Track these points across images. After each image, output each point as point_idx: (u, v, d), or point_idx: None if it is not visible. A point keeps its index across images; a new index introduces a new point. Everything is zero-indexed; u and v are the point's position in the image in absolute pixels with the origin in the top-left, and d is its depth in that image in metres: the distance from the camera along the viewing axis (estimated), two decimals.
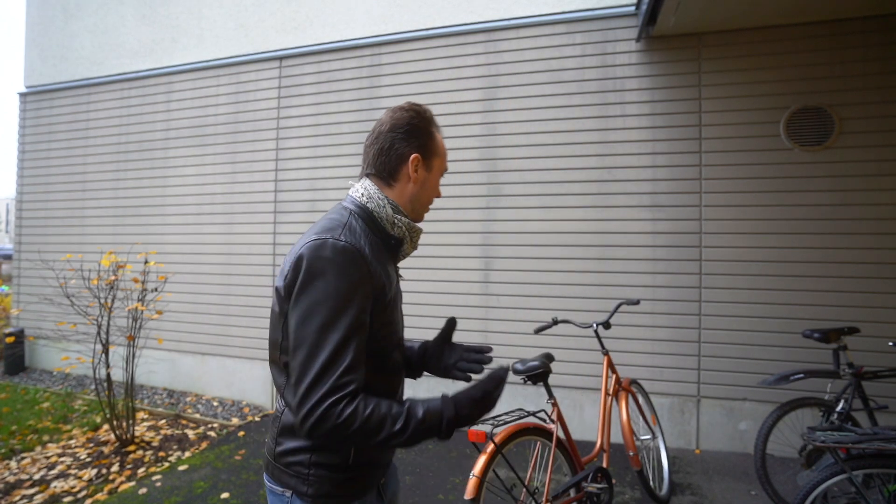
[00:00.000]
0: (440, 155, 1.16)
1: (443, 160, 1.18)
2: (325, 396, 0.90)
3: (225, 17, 4.94)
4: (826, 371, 2.78)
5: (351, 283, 0.95)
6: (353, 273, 0.96)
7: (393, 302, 1.08)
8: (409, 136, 1.10)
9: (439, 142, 1.16)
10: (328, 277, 0.94)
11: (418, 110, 1.13)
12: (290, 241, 4.60)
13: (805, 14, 3.33)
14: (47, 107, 5.82)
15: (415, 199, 1.13)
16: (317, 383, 0.91)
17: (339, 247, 0.96)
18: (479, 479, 1.90)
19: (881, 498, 2.05)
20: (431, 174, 1.15)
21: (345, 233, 1.00)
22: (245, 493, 2.99)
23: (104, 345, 3.56)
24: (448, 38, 4.19)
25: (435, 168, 1.16)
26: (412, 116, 1.11)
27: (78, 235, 5.52)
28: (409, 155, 1.10)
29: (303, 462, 1.02)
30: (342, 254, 0.96)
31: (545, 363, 2.26)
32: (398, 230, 1.10)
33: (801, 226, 3.42)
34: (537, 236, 3.89)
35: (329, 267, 0.95)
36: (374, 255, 1.02)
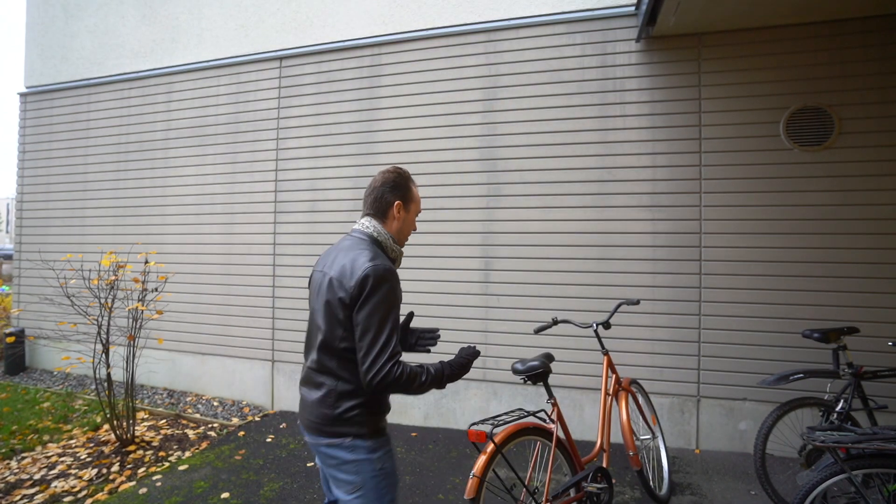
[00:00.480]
0: (415, 201, 1.70)
1: (417, 205, 1.71)
2: (388, 360, 1.44)
3: (225, 17, 4.95)
4: (826, 371, 2.78)
5: (395, 291, 1.51)
6: (396, 285, 1.52)
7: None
8: (393, 189, 1.64)
9: (414, 193, 1.70)
10: (384, 288, 1.47)
11: (400, 172, 1.68)
12: (290, 241, 4.60)
13: (805, 14, 3.33)
14: (48, 107, 5.82)
15: (399, 232, 1.67)
16: (383, 353, 1.44)
17: (388, 269, 1.50)
18: (479, 478, 1.90)
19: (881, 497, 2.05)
20: (409, 215, 1.68)
21: (383, 259, 1.53)
22: (245, 492, 2.99)
23: (104, 345, 3.56)
24: (448, 38, 4.19)
25: (411, 210, 1.69)
26: (396, 176, 1.66)
27: (78, 235, 5.53)
28: (394, 202, 1.63)
29: (359, 413, 1.51)
30: (391, 273, 1.50)
31: (545, 363, 2.26)
32: (393, 254, 1.63)
33: (801, 226, 3.42)
34: (537, 236, 3.89)
35: (384, 282, 1.47)
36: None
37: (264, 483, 3.12)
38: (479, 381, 4.01)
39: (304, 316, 4.75)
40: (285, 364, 4.58)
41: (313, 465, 3.36)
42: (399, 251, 1.65)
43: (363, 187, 4.36)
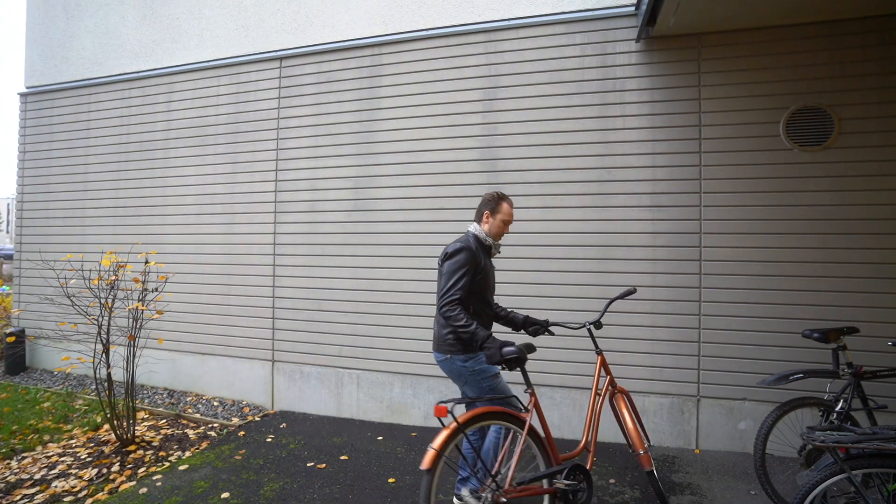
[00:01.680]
0: (501, 213, 2.60)
1: (504, 215, 2.60)
2: (449, 297, 2.36)
3: (225, 18, 4.95)
4: (825, 371, 2.78)
5: (469, 260, 2.42)
6: (470, 257, 2.43)
7: (484, 271, 2.50)
8: (486, 204, 2.62)
9: (503, 207, 2.60)
10: (458, 256, 2.42)
11: (494, 194, 2.62)
12: (290, 241, 4.61)
13: (805, 14, 3.33)
14: (48, 107, 5.83)
15: (490, 231, 2.59)
16: (448, 294, 2.37)
17: (463, 246, 2.46)
18: (436, 451, 1.92)
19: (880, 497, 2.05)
20: (495, 220, 2.59)
21: (465, 242, 2.49)
22: (245, 492, 2.99)
23: (105, 345, 3.57)
24: (448, 38, 4.20)
25: (497, 218, 2.59)
26: (491, 196, 2.61)
27: (78, 235, 5.53)
28: (485, 211, 2.61)
29: (451, 338, 2.44)
30: (465, 249, 2.45)
31: (521, 350, 2.26)
32: (486, 243, 2.58)
33: (801, 226, 3.42)
34: (537, 236, 3.89)
35: (458, 252, 2.43)
36: (479, 251, 2.49)
37: (264, 483, 3.12)
38: None
39: (304, 316, 4.77)
40: (285, 364, 4.58)
41: (313, 465, 3.36)
42: (493, 242, 2.58)
43: (363, 187, 4.42)
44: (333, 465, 3.37)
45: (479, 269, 2.45)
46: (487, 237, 2.54)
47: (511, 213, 2.62)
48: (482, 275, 2.47)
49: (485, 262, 2.50)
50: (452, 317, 2.30)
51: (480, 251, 2.49)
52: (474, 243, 2.48)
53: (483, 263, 2.48)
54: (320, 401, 4.43)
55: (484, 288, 2.51)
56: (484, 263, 2.49)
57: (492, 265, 2.61)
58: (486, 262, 2.53)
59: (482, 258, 2.49)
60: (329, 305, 4.44)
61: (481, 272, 2.46)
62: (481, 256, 2.48)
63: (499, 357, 2.23)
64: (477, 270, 2.43)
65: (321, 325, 4.46)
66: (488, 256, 2.58)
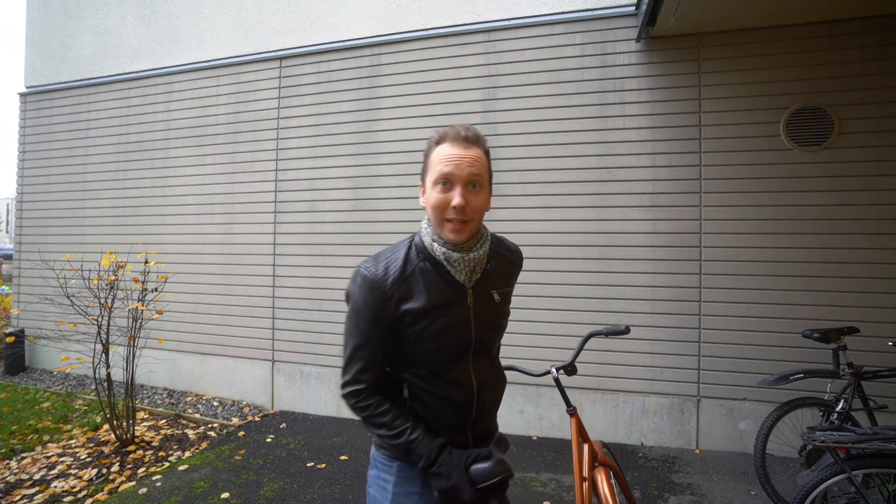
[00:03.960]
0: (432, 165, 1.16)
1: (435, 167, 1.15)
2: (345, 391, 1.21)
3: (225, 18, 4.95)
4: (826, 371, 2.78)
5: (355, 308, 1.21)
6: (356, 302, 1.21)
7: (429, 317, 1.17)
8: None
9: (432, 156, 1.18)
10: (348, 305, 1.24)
11: (429, 139, 1.21)
12: (290, 241, 4.60)
13: (805, 14, 3.33)
14: (48, 107, 5.82)
15: (434, 221, 1.18)
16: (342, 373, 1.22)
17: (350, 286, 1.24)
18: None
19: (881, 498, 2.05)
20: (431, 193, 1.16)
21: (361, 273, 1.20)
22: (245, 492, 2.99)
23: (104, 345, 3.56)
24: (448, 38, 4.19)
25: (428, 183, 1.18)
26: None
27: (78, 235, 5.53)
28: (420, 185, 1.23)
29: None
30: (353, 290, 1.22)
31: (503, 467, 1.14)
32: (436, 255, 1.20)
33: (801, 226, 3.42)
34: (537, 236, 3.89)
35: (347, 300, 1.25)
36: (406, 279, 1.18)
37: (264, 483, 3.11)
38: None
39: (304, 316, 4.77)
40: (285, 364, 4.58)
41: (313, 466, 3.36)
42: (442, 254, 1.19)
43: (363, 187, 4.41)
44: (333, 466, 3.36)
45: (413, 319, 1.15)
46: (434, 243, 1.17)
47: (452, 158, 1.13)
48: (425, 330, 1.15)
49: (443, 299, 1.17)
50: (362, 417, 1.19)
51: (433, 278, 1.17)
52: (408, 264, 1.18)
53: (436, 303, 1.16)
54: (320, 401, 4.43)
55: (434, 353, 1.19)
56: (439, 303, 1.16)
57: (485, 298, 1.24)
58: (449, 300, 1.18)
59: (435, 293, 1.16)
60: (329, 305, 4.44)
61: (419, 325, 1.15)
62: (433, 290, 1.16)
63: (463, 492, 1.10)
64: (402, 324, 1.16)
65: (321, 325, 4.46)
66: (460, 288, 1.20)
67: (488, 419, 1.31)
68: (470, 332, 1.21)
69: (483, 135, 1.21)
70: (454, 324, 1.19)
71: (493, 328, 1.29)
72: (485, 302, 1.24)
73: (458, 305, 1.20)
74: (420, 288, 1.16)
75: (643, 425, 3.66)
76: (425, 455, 1.13)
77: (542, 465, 3.37)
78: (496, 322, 1.29)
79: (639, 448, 3.60)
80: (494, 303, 1.26)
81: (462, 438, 1.24)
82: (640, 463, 3.36)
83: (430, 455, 1.13)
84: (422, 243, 1.20)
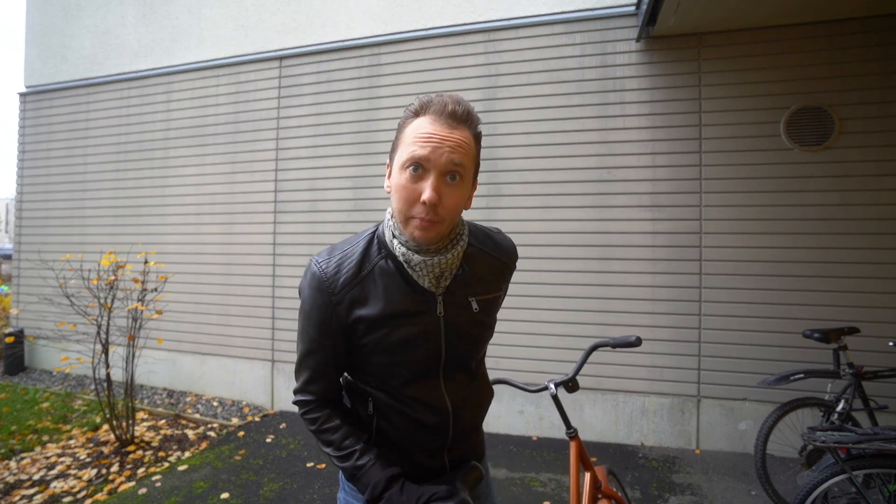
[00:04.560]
0: (403, 141, 0.93)
1: (406, 146, 0.92)
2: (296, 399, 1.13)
3: (225, 18, 4.94)
4: (826, 371, 2.78)
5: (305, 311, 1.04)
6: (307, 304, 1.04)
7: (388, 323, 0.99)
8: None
9: (406, 130, 0.94)
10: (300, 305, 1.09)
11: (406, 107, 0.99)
12: (290, 241, 4.60)
13: (805, 14, 3.33)
14: (47, 107, 5.82)
15: (397, 212, 0.96)
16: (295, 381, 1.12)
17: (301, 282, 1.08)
18: None
19: (881, 498, 2.05)
20: (399, 177, 0.93)
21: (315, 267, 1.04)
22: (245, 493, 2.99)
23: (104, 345, 3.56)
24: (448, 38, 4.19)
25: (396, 163, 0.94)
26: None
27: (78, 235, 5.52)
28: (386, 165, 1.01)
29: None
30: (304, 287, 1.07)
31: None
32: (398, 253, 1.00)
33: (801, 226, 3.42)
34: (537, 236, 3.89)
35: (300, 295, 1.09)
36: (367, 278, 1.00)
37: (264, 483, 3.11)
38: None
39: None
40: (285, 364, 4.58)
41: (313, 466, 3.35)
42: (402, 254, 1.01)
43: (363, 187, 4.40)
44: (333, 466, 3.36)
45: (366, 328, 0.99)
46: (396, 238, 0.99)
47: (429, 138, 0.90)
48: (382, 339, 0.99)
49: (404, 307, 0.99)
50: (310, 431, 1.08)
51: (393, 279, 1.00)
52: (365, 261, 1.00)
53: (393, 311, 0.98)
54: None
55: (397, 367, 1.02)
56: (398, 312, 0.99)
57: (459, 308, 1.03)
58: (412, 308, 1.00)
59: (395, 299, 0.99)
60: None
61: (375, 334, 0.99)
62: (392, 294, 0.99)
63: None
64: (353, 332, 1.00)
65: None
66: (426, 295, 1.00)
67: (470, 441, 1.12)
68: (439, 346, 1.01)
69: (476, 112, 0.97)
70: (418, 336, 0.99)
71: (470, 342, 1.06)
72: (459, 312, 1.02)
73: (423, 315, 0.99)
74: (378, 292, 0.97)
75: (643, 425, 3.66)
76: (370, 486, 0.95)
77: (543, 465, 3.36)
78: (474, 335, 1.06)
79: (639, 448, 3.60)
80: (472, 313, 1.03)
81: (437, 464, 1.06)
82: (640, 463, 3.35)
83: (375, 487, 0.94)
84: (384, 237, 1.01)
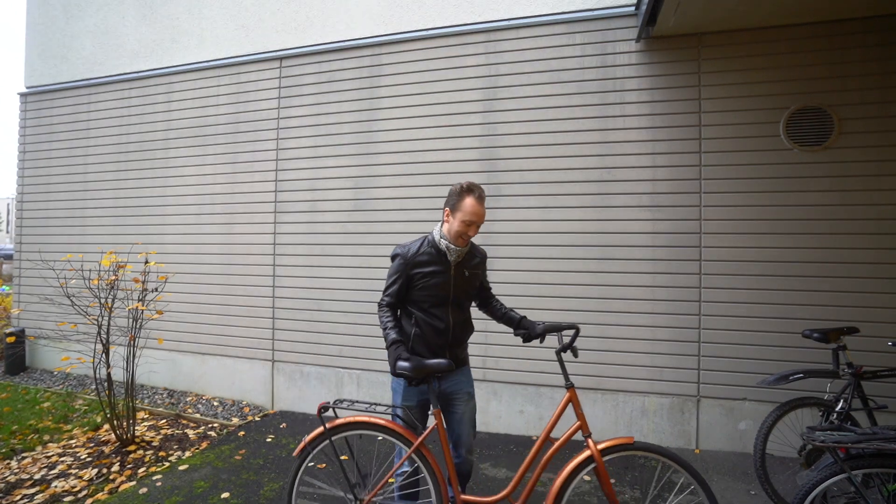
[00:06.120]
0: (462, 211, 2.12)
1: (465, 214, 2.11)
2: (378, 302, 2.27)
3: (225, 18, 4.95)
4: (826, 371, 2.78)
5: (395, 268, 2.24)
6: (397, 264, 2.23)
7: (431, 280, 2.18)
8: (448, 199, 2.21)
9: (465, 203, 2.12)
10: (392, 263, 2.27)
11: (458, 186, 2.17)
12: (290, 241, 4.60)
13: (805, 14, 3.33)
14: (48, 107, 5.82)
15: (448, 233, 2.19)
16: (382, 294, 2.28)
17: (396, 252, 2.26)
18: (305, 444, 2.18)
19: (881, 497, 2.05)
20: (454, 221, 2.16)
21: (406, 247, 2.25)
22: (245, 492, 2.99)
23: (104, 345, 3.56)
24: (448, 38, 4.19)
25: (457, 218, 2.14)
26: (454, 189, 2.19)
27: (78, 235, 5.53)
28: (445, 209, 2.22)
29: None
30: (397, 256, 2.26)
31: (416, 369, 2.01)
32: (441, 247, 2.20)
33: (801, 226, 3.42)
34: (537, 236, 3.89)
35: (392, 259, 2.27)
36: (427, 257, 2.20)
37: (264, 483, 3.12)
38: (478, 381, 4.00)
39: (304, 316, 4.77)
40: (285, 364, 4.58)
41: (313, 466, 3.36)
42: (448, 247, 2.16)
43: (363, 187, 4.41)
44: (333, 466, 3.36)
45: (418, 277, 2.17)
46: (442, 240, 2.16)
47: (476, 212, 2.09)
48: (424, 283, 2.17)
49: (434, 268, 2.17)
50: (380, 315, 2.21)
51: (431, 256, 2.17)
52: (422, 247, 2.19)
53: (429, 271, 2.16)
54: (320, 401, 4.43)
55: (427, 298, 2.19)
56: (430, 271, 2.16)
57: (457, 273, 2.21)
58: (438, 269, 2.17)
59: (429, 265, 2.16)
60: (329, 305, 4.44)
61: (420, 280, 2.17)
62: (428, 263, 2.17)
63: (392, 368, 2.05)
64: (411, 279, 2.18)
65: (321, 325, 4.46)
66: (445, 263, 2.18)
67: (460, 350, 2.31)
68: (449, 288, 2.22)
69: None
70: (441, 282, 2.20)
71: (465, 291, 2.29)
72: (459, 274, 2.24)
73: (445, 273, 2.20)
74: (426, 261, 2.20)
75: (643, 425, 3.66)
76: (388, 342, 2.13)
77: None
78: (466, 287, 2.28)
79: None
80: (465, 277, 2.26)
81: (444, 355, 2.22)
82: (640, 463, 3.36)
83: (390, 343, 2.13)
84: (433, 239, 2.22)
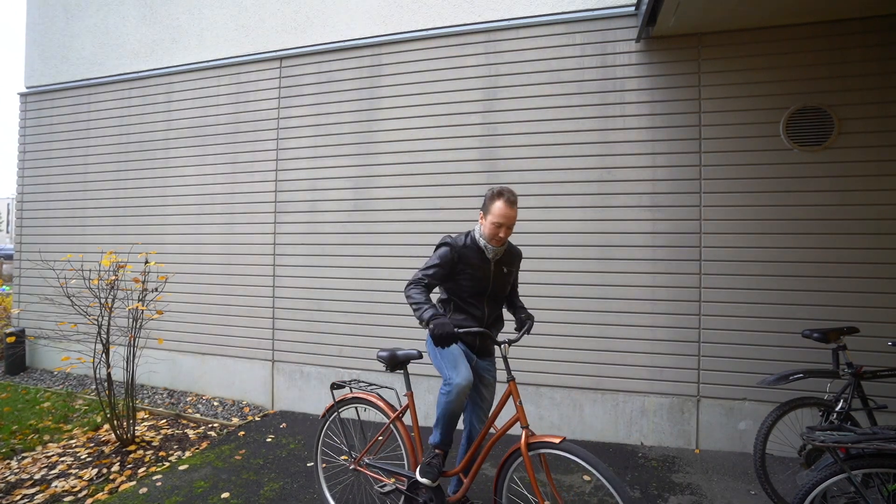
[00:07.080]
0: (492, 213, 2.32)
1: (495, 216, 2.31)
2: (413, 277, 2.33)
3: (225, 18, 4.95)
4: (825, 371, 2.78)
5: (443, 253, 2.37)
6: (443, 252, 2.37)
7: (471, 272, 2.38)
8: (483, 202, 2.41)
9: (494, 206, 2.31)
10: (438, 248, 2.40)
11: (490, 191, 2.38)
12: (290, 241, 4.60)
13: (805, 14, 3.33)
14: (48, 107, 5.83)
15: (484, 233, 2.39)
16: (416, 273, 2.34)
17: (444, 241, 2.41)
18: (325, 411, 2.75)
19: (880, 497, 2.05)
20: (486, 222, 2.36)
21: (455, 237, 2.42)
22: (245, 492, 2.99)
23: (105, 345, 3.57)
24: (448, 38, 4.19)
25: (488, 220, 2.35)
26: (488, 192, 2.39)
27: (79, 235, 5.53)
28: (481, 211, 2.42)
29: None
30: (444, 243, 2.40)
31: (406, 356, 2.51)
32: (480, 244, 2.40)
33: (801, 226, 3.42)
34: (537, 236, 3.89)
35: (439, 246, 2.41)
36: (468, 251, 2.38)
37: (264, 483, 3.12)
38: None
39: (304, 316, 4.77)
40: (285, 364, 4.58)
41: (313, 465, 3.35)
42: (485, 245, 2.37)
43: (363, 187, 4.41)
44: (333, 465, 3.36)
45: (461, 267, 2.36)
46: (480, 238, 2.38)
47: (505, 215, 2.28)
48: (466, 274, 2.37)
49: (476, 262, 2.38)
50: (407, 294, 2.25)
51: (473, 251, 2.37)
52: (466, 241, 2.39)
53: (471, 263, 2.37)
54: (320, 401, 4.43)
55: (467, 288, 2.40)
56: (472, 263, 2.37)
57: (496, 269, 2.43)
58: (479, 264, 2.38)
59: (472, 258, 2.37)
60: (329, 305, 4.44)
61: (463, 271, 2.37)
62: (471, 256, 2.36)
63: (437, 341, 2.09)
64: (455, 268, 2.36)
65: (321, 325, 4.46)
66: (485, 259, 2.40)
67: (488, 341, 2.50)
68: (488, 282, 2.43)
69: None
70: (481, 276, 2.41)
71: (502, 285, 2.48)
72: (498, 270, 2.45)
73: (485, 268, 2.41)
74: (470, 255, 2.38)
75: (643, 425, 3.66)
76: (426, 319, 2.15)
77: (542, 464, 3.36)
78: (503, 282, 2.48)
79: (639, 448, 3.60)
80: (503, 273, 2.47)
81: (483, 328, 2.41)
82: (640, 463, 3.36)
83: (428, 319, 2.14)
84: (474, 236, 2.42)
